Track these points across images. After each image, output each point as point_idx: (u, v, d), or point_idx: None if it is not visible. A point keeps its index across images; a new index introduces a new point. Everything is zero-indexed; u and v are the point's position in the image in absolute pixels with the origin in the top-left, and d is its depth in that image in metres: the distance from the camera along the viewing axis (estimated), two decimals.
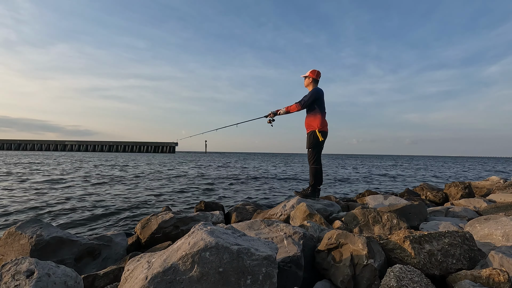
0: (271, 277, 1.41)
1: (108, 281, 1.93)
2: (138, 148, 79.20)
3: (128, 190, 7.90)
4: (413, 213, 3.04)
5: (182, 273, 1.36)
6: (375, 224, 2.70)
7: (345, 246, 1.81)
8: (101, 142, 79.03)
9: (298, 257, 1.79)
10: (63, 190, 7.51)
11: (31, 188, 7.67)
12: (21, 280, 1.34)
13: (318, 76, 3.91)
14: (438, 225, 2.78)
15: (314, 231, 2.34)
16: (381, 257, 1.73)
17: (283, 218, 3.24)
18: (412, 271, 1.50)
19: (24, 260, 1.44)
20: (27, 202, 5.78)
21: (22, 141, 76.05)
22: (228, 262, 1.38)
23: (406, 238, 1.78)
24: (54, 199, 6.23)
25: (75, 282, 1.48)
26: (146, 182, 10.06)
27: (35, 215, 4.83)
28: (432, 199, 5.28)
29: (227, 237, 1.54)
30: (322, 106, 3.84)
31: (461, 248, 1.74)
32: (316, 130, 3.79)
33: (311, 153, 3.88)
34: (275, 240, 2.01)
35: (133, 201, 6.26)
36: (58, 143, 77.02)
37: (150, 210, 5.38)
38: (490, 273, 1.46)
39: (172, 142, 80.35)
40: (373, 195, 4.43)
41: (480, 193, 5.75)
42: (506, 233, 2.06)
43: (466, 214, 3.45)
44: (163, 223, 3.11)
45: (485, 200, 4.24)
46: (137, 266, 1.58)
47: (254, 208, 4.16)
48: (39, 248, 2.22)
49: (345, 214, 3.00)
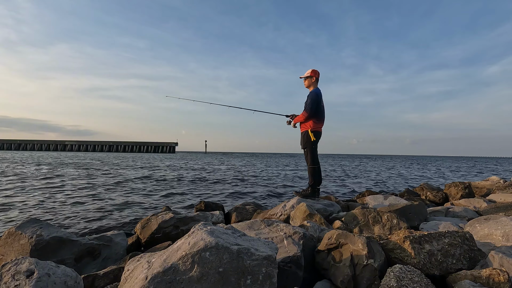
0: (271, 277, 1.41)
1: (108, 281, 1.93)
2: (138, 148, 79.19)
3: (128, 190, 7.90)
4: (413, 213, 3.04)
5: (182, 273, 1.36)
6: (375, 224, 2.70)
7: (345, 246, 1.81)
8: (101, 142, 79.04)
9: (298, 257, 1.79)
10: (63, 190, 7.51)
11: (31, 188, 7.67)
12: (21, 280, 1.34)
13: (319, 75, 3.91)
14: (438, 225, 2.78)
15: (314, 231, 2.34)
16: (381, 257, 1.73)
17: (283, 218, 3.24)
18: (412, 271, 1.50)
19: (24, 260, 1.44)
20: (27, 202, 5.78)
21: (22, 141, 76.06)
22: (228, 262, 1.38)
23: (406, 238, 1.78)
24: (54, 199, 6.24)
25: (75, 282, 1.48)
26: (146, 182, 10.06)
27: (35, 215, 4.83)
28: (432, 199, 5.28)
29: (227, 237, 1.54)
30: (320, 106, 3.83)
31: (461, 248, 1.74)
32: (309, 130, 3.80)
33: (306, 153, 3.89)
34: (275, 240, 2.01)
35: (133, 201, 6.26)
36: (58, 143, 77.03)
37: (150, 210, 5.38)
38: (490, 273, 1.46)
39: (172, 142, 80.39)
40: (373, 195, 4.44)
41: (480, 193, 5.75)
42: (506, 233, 2.06)
43: (466, 214, 3.44)
44: (163, 223, 3.11)
45: (485, 200, 4.24)
46: (137, 266, 1.58)
47: (254, 208, 4.16)
48: (39, 248, 2.22)
49: (345, 214, 3.00)
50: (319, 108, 3.82)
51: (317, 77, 3.90)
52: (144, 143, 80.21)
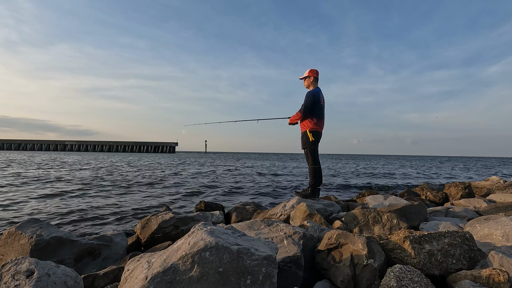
0: (271, 277, 1.41)
1: (108, 281, 1.93)
2: (138, 148, 79.21)
3: (128, 190, 7.90)
4: (413, 213, 3.04)
5: (182, 273, 1.36)
6: (375, 224, 2.70)
7: (345, 246, 1.81)
8: (101, 142, 79.06)
9: (298, 257, 1.79)
10: (63, 190, 7.51)
11: (30, 188, 7.67)
12: (21, 280, 1.34)
13: (317, 74, 3.90)
14: (438, 225, 2.78)
15: (314, 231, 2.34)
16: (381, 257, 1.73)
17: (283, 218, 3.24)
18: (412, 271, 1.50)
19: (24, 260, 1.44)
20: (27, 202, 5.78)
21: (22, 141, 76.06)
22: (228, 262, 1.38)
23: (406, 238, 1.78)
24: (54, 199, 6.23)
25: (75, 282, 1.48)
26: (146, 182, 10.06)
27: (35, 215, 4.83)
28: (432, 199, 5.28)
29: (227, 237, 1.54)
30: (317, 106, 3.79)
31: (461, 248, 1.74)
32: (307, 130, 3.79)
33: (306, 154, 3.89)
34: (275, 240, 2.01)
35: (133, 201, 6.26)
36: (58, 143, 77.05)
37: (150, 210, 5.38)
38: (490, 273, 1.46)
39: (172, 142, 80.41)
40: (373, 195, 4.43)
41: (480, 193, 5.75)
42: (506, 233, 2.06)
43: (466, 214, 3.44)
44: (163, 223, 3.11)
45: (485, 200, 4.24)
46: (137, 266, 1.58)
47: (254, 208, 4.16)
48: (39, 248, 2.22)
49: (345, 214, 3.00)
50: (316, 108, 3.77)
51: (316, 77, 3.88)
52: (144, 143, 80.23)
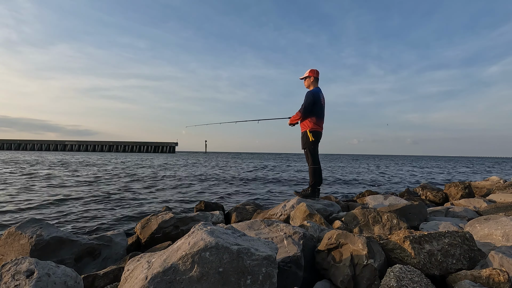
0: (271, 277, 1.41)
1: (108, 281, 1.93)
2: (138, 148, 79.19)
3: (128, 190, 7.90)
4: (413, 213, 3.04)
5: (182, 273, 1.36)
6: (375, 224, 2.70)
7: (345, 246, 1.81)
8: (101, 142, 79.03)
9: (298, 257, 1.79)
10: (63, 190, 7.51)
11: (30, 188, 7.67)
12: (21, 280, 1.34)
13: (318, 74, 3.90)
14: (438, 225, 2.78)
15: (314, 231, 2.34)
16: (381, 257, 1.73)
17: (283, 218, 3.24)
18: (412, 271, 1.50)
19: (24, 260, 1.44)
20: (27, 202, 5.78)
21: (22, 141, 76.03)
22: (228, 262, 1.38)
23: (406, 238, 1.78)
24: (53, 199, 6.23)
25: (75, 282, 1.48)
26: (146, 182, 10.06)
27: (35, 214, 4.83)
28: (432, 199, 5.28)
29: (227, 237, 1.54)
30: (317, 106, 3.80)
31: (461, 248, 1.74)
32: (307, 130, 3.79)
33: (306, 154, 3.89)
34: (275, 240, 2.01)
35: (133, 201, 6.26)
36: (58, 143, 77.01)
37: (150, 210, 5.38)
38: (490, 273, 1.46)
39: (172, 142, 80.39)
40: (373, 195, 4.43)
41: (480, 193, 5.75)
42: (506, 233, 2.06)
43: (466, 214, 3.44)
44: (163, 223, 3.11)
45: (485, 200, 4.24)
46: (137, 266, 1.58)
47: (254, 208, 4.16)
48: (39, 248, 2.22)
49: (345, 214, 3.00)
50: (316, 108, 3.77)
51: (316, 77, 3.88)
52: (144, 143, 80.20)
